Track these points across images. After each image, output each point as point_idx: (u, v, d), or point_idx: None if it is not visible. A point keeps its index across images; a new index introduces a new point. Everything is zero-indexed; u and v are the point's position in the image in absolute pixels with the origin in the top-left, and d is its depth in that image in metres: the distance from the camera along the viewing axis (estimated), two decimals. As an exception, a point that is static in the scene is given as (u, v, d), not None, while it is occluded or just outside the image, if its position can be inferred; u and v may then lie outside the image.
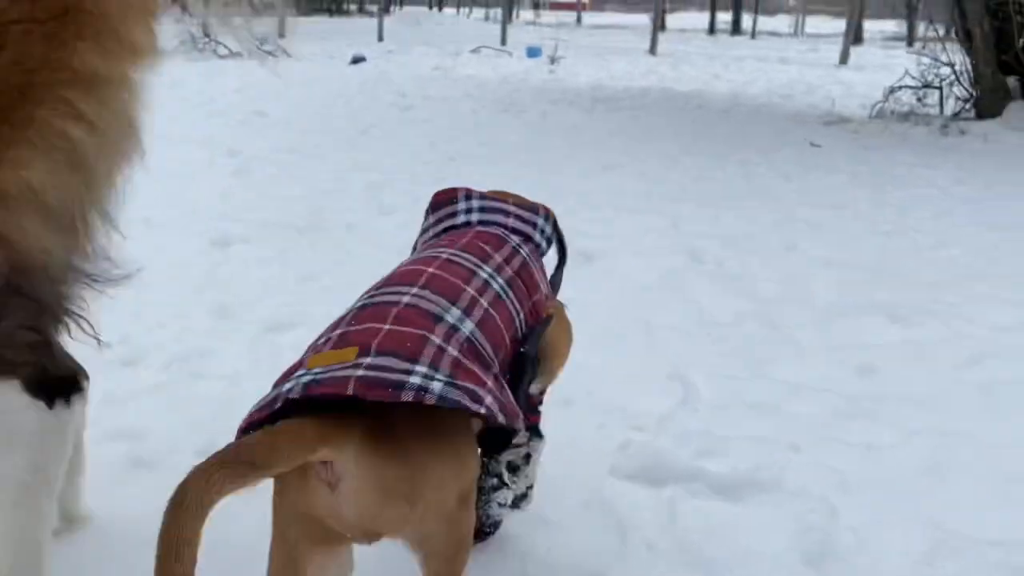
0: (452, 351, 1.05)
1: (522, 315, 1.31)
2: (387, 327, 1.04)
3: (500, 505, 1.50)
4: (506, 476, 1.49)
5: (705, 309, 2.75)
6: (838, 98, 9.17)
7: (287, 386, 0.96)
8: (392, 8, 42.15)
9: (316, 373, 0.97)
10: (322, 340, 1.08)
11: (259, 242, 3.34)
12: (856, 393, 2.21)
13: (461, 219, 1.48)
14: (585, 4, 53.73)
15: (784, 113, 7.65)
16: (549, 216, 1.55)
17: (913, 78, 6.79)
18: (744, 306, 2.79)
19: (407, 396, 0.93)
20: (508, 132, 6.40)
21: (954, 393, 2.20)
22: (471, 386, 1.01)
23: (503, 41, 19.07)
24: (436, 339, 1.05)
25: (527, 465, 1.51)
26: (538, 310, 1.36)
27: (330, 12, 40.05)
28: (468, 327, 1.13)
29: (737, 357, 2.40)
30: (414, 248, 1.57)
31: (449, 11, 45.14)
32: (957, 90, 6.62)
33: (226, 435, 0.97)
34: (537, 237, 1.50)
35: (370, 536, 0.99)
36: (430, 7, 42.48)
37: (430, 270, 1.21)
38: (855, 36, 27.26)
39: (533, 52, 15.75)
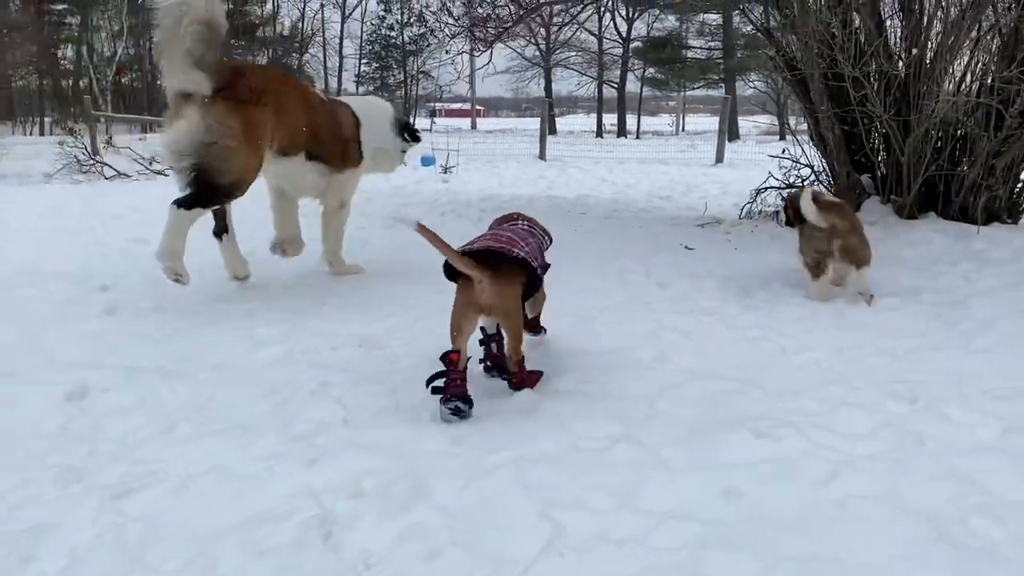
0: (526, 249, 2.95)
1: (539, 258, 3.18)
2: (514, 240, 2.99)
3: None
4: None
5: (578, 435, 2.73)
6: (713, 198, 9.63)
7: (475, 244, 2.94)
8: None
9: (482, 244, 2.95)
10: (475, 239, 3.01)
11: (120, 390, 3.16)
12: (722, 519, 2.20)
13: (516, 219, 3.47)
14: (480, 111, 55.52)
15: (663, 216, 7.92)
16: (547, 232, 3.52)
17: (777, 179, 7.18)
18: (614, 428, 2.78)
19: (518, 255, 2.93)
20: (395, 246, 6.40)
21: (814, 513, 2.21)
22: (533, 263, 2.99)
23: (397, 151, 19.44)
24: (521, 245, 2.97)
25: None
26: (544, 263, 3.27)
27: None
28: (531, 246, 3.06)
29: (606, 487, 2.36)
30: (489, 227, 3.50)
31: (346, 121, 45.84)
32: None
33: None
34: (542, 235, 3.46)
35: (488, 311, 2.92)
36: (327, 118, 43.02)
37: (510, 229, 3.21)
38: (732, 133, 28.94)
39: (427, 161, 16.02)
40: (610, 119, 41.15)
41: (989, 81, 6.17)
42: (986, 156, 6.20)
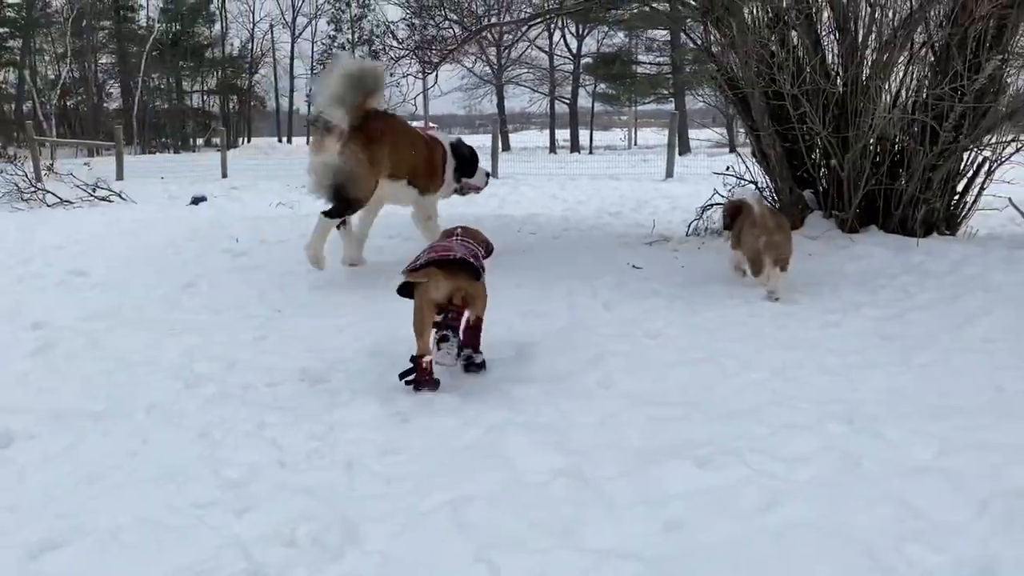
0: (462, 251, 3.52)
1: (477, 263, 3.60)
2: (454, 249, 3.54)
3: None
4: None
5: (518, 469, 2.69)
6: (662, 214, 9.69)
7: (420, 260, 3.44)
8: (240, 141, 42.04)
9: (426, 258, 3.44)
10: (422, 254, 3.54)
11: (47, 437, 3.05)
12: (663, 554, 2.17)
13: (453, 233, 3.91)
14: (433, 127, 55.50)
15: (612, 234, 7.93)
16: (488, 243, 4.04)
17: (722, 196, 7.25)
18: (557, 461, 2.74)
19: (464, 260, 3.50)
20: (342, 275, 6.31)
21: (752, 543, 2.19)
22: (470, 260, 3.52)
23: (349, 171, 19.28)
24: (465, 253, 3.53)
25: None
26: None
27: (175, 149, 39.51)
28: (468, 249, 3.62)
29: (546, 525, 2.32)
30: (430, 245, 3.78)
31: (299, 140, 45.43)
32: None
33: None
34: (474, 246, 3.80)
35: (448, 298, 3.45)
36: (279, 139, 42.59)
37: (453, 240, 3.72)
38: (683, 146, 29.28)
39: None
40: (563, 134, 41.42)
41: (924, 97, 6.30)
42: (923, 170, 6.33)
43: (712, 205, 7.22)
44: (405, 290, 3.56)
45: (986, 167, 6.75)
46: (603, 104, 43.63)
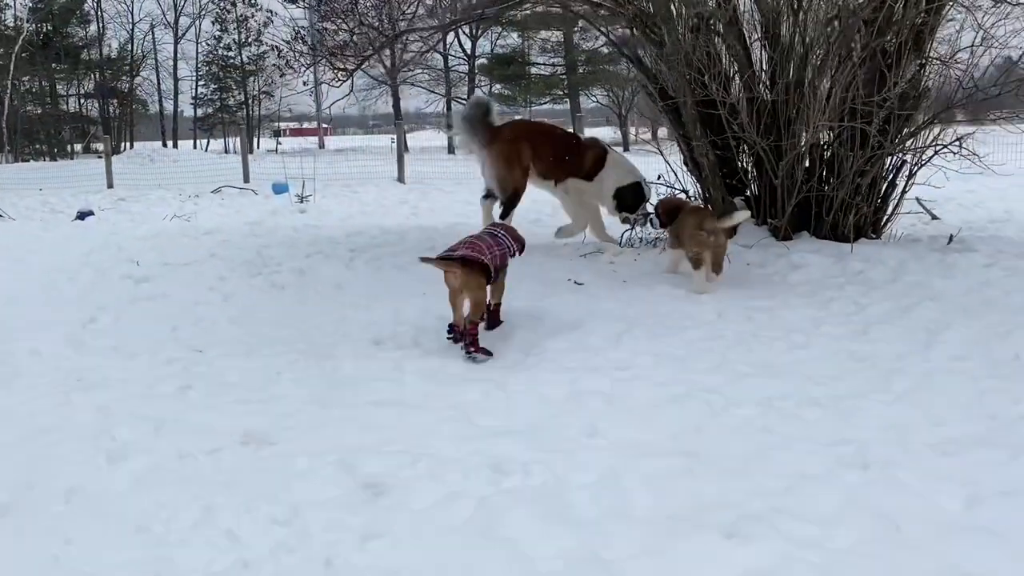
0: (491, 255, 4.36)
1: (499, 261, 4.43)
2: (478, 246, 4.38)
3: None
4: None
5: (526, 554, 2.32)
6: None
7: (456, 251, 4.36)
8: (123, 146, 39.72)
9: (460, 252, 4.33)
10: (458, 245, 4.45)
11: (-60, 545, 2.47)
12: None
13: (485, 230, 4.82)
14: (328, 128, 54.07)
15: (542, 246, 7.55)
16: (518, 239, 4.74)
17: (652, 204, 7.05)
18: (565, 538, 2.39)
19: (486, 260, 4.35)
20: (263, 302, 5.75)
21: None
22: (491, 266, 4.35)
23: (246, 178, 18.29)
24: (488, 252, 4.35)
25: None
26: (504, 264, 4.56)
27: (51, 156, 36.86)
28: (496, 253, 4.41)
29: (577, 631, 1.97)
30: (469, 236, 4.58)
31: (185, 144, 43.35)
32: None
33: None
34: (509, 243, 4.62)
35: (462, 291, 4.28)
36: (164, 143, 40.46)
37: (482, 237, 4.54)
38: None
39: (279, 188, 15.15)
40: (460, 134, 40.92)
41: (851, 102, 6.26)
42: (853, 175, 6.29)
43: (643, 215, 6.99)
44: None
45: (906, 170, 6.80)
46: (499, 104, 43.46)
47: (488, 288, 4.44)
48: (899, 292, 5.16)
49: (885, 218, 6.89)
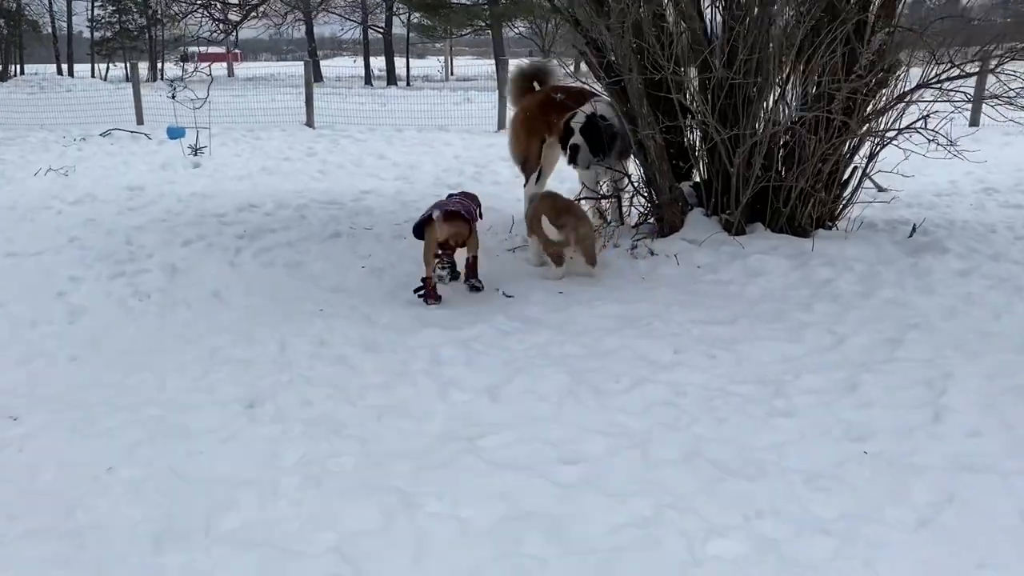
0: (467, 211, 4.86)
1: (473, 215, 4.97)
2: (453, 204, 4.88)
3: None
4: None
5: None
6: (507, 186, 8.33)
7: (430, 212, 4.75)
8: (12, 70, 36.04)
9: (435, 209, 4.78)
10: (433, 206, 4.87)
11: None
12: None
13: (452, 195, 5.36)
14: (237, 55, 50.56)
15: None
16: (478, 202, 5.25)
17: (591, 189, 6.05)
18: None
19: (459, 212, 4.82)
20: (116, 323, 4.58)
21: None
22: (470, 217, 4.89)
23: (139, 119, 16.38)
24: (462, 208, 4.85)
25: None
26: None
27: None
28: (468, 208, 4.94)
29: None
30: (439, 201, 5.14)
31: (83, 69, 39.65)
32: (637, 201, 5.98)
33: None
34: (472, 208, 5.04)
35: (450, 242, 4.83)
36: (59, 70, 36.87)
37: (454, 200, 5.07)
38: (502, 82, 27.92)
39: (175, 133, 13.45)
40: (378, 63, 38.71)
41: (818, 82, 5.33)
42: (815, 161, 5.41)
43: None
44: (418, 233, 4.82)
45: (867, 151, 5.96)
46: (418, 36, 41.14)
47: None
48: (876, 313, 4.36)
49: (842, 205, 6.05)
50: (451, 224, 4.68)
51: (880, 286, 4.74)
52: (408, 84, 35.05)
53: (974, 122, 10.57)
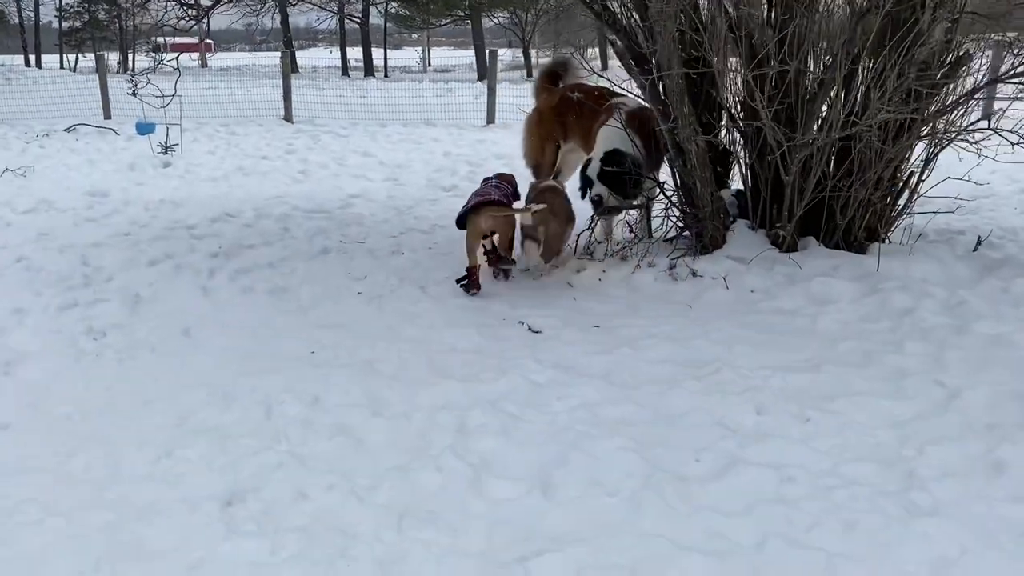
0: (505, 196, 4.85)
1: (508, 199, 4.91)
2: (492, 193, 4.80)
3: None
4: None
5: None
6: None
7: (471, 202, 4.73)
8: (-25, 61, 34.37)
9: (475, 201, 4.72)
10: (472, 195, 4.87)
11: None
12: None
13: (490, 180, 5.10)
14: (210, 45, 48.92)
15: (458, 238, 5.65)
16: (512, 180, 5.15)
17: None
18: None
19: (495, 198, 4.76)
20: (62, 374, 3.68)
21: None
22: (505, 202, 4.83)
23: (106, 113, 15.25)
24: (500, 195, 4.80)
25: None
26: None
27: None
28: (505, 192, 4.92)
29: None
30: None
31: (51, 60, 37.96)
32: (672, 212, 5.16)
33: None
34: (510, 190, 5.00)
35: (489, 230, 4.65)
36: (26, 60, 35.22)
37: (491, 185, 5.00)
38: (481, 71, 26.90)
39: (145, 128, 12.39)
40: (354, 53, 37.45)
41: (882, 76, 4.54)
42: (879, 167, 4.64)
43: (608, 209, 5.13)
44: (461, 223, 4.72)
45: (924, 155, 5.18)
46: (396, 26, 39.88)
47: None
48: (983, 356, 3.58)
49: (896, 215, 5.27)
50: (494, 215, 4.61)
51: (973, 318, 3.96)
52: (386, 75, 33.90)
53: None
